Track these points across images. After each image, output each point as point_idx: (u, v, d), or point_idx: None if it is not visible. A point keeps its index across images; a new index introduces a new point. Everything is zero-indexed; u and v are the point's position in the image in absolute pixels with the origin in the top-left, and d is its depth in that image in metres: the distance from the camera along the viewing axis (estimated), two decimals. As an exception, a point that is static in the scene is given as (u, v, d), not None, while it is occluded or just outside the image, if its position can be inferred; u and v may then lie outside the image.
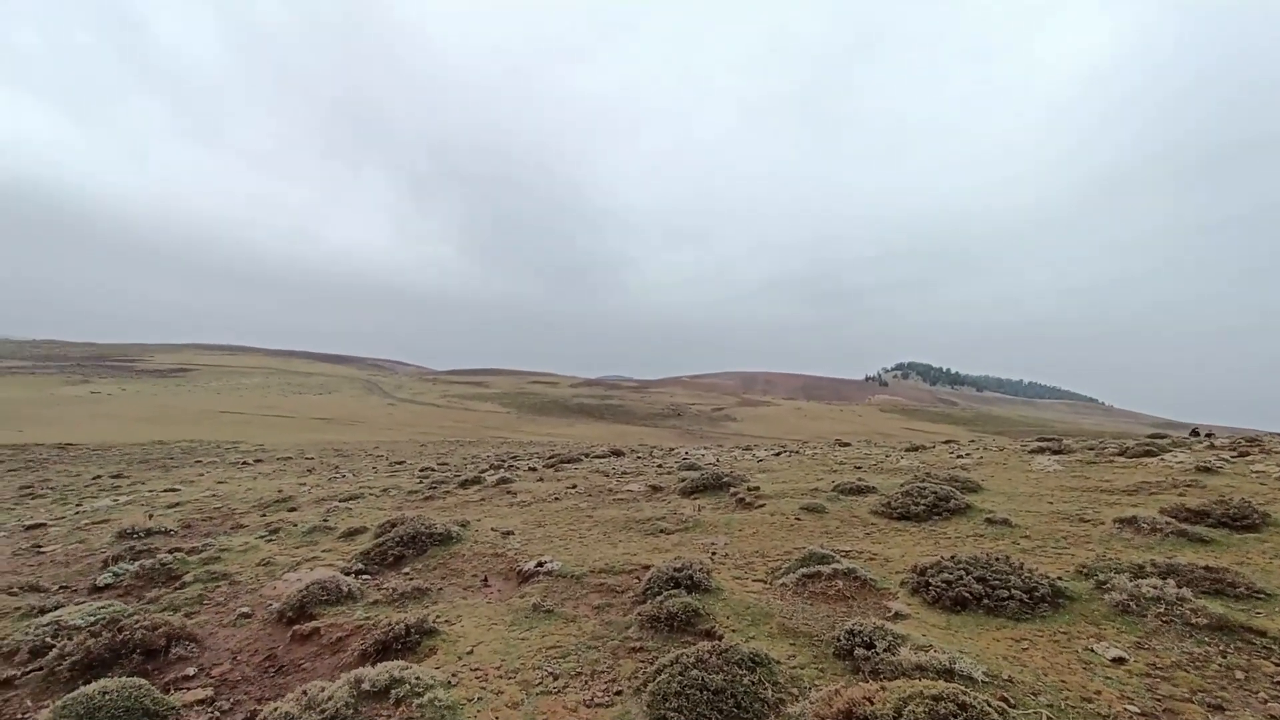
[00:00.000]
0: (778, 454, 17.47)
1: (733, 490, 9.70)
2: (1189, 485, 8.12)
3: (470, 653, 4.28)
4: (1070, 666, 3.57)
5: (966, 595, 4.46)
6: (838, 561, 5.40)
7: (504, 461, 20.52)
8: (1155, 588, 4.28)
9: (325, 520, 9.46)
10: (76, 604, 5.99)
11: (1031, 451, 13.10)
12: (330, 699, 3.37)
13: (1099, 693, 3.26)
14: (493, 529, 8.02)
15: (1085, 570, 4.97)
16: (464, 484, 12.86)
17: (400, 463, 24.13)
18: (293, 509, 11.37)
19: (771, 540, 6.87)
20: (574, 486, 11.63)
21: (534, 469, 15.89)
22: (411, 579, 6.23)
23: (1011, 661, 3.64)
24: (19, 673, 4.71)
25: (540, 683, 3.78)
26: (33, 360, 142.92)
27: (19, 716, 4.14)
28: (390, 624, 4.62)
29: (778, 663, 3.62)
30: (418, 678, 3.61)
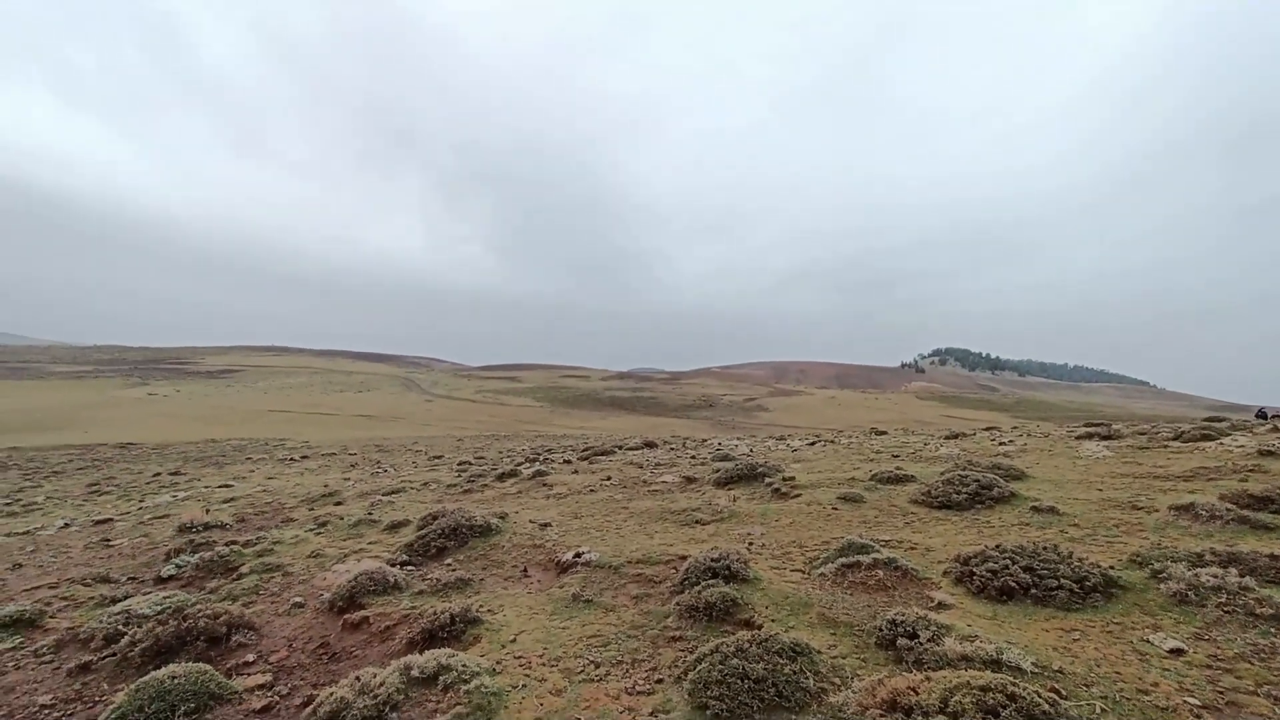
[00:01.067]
0: (812, 444, 17.28)
1: (768, 480, 9.64)
2: (1251, 470, 7.73)
3: (513, 641, 4.39)
4: (1125, 658, 3.46)
5: (1013, 585, 4.36)
6: (877, 551, 5.34)
7: (539, 455, 20.81)
8: (1215, 577, 4.10)
9: (370, 513, 9.77)
10: (144, 594, 6.34)
11: (1079, 437, 12.65)
12: (382, 684, 3.50)
13: (1156, 685, 3.15)
14: (530, 521, 8.16)
15: (1139, 559, 4.79)
16: (501, 477, 13.10)
17: (439, 457, 24.70)
18: (339, 503, 11.78)
19: (808, 530, 6.82)
20: (608, 478, 11.74)
21: (568, 462, 16.08)
22: (454, 570, 6.39)
23: (1062, 653, 3.55)
24: (95, 657, 5.03)
25: (582, 670, 3.85)
26: (94, 364, 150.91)
27: (97, 698, 4.42)
28: (435, 613, 4.77)
29: (819, 652, 3.61)
30: (464, 665, 3.72)
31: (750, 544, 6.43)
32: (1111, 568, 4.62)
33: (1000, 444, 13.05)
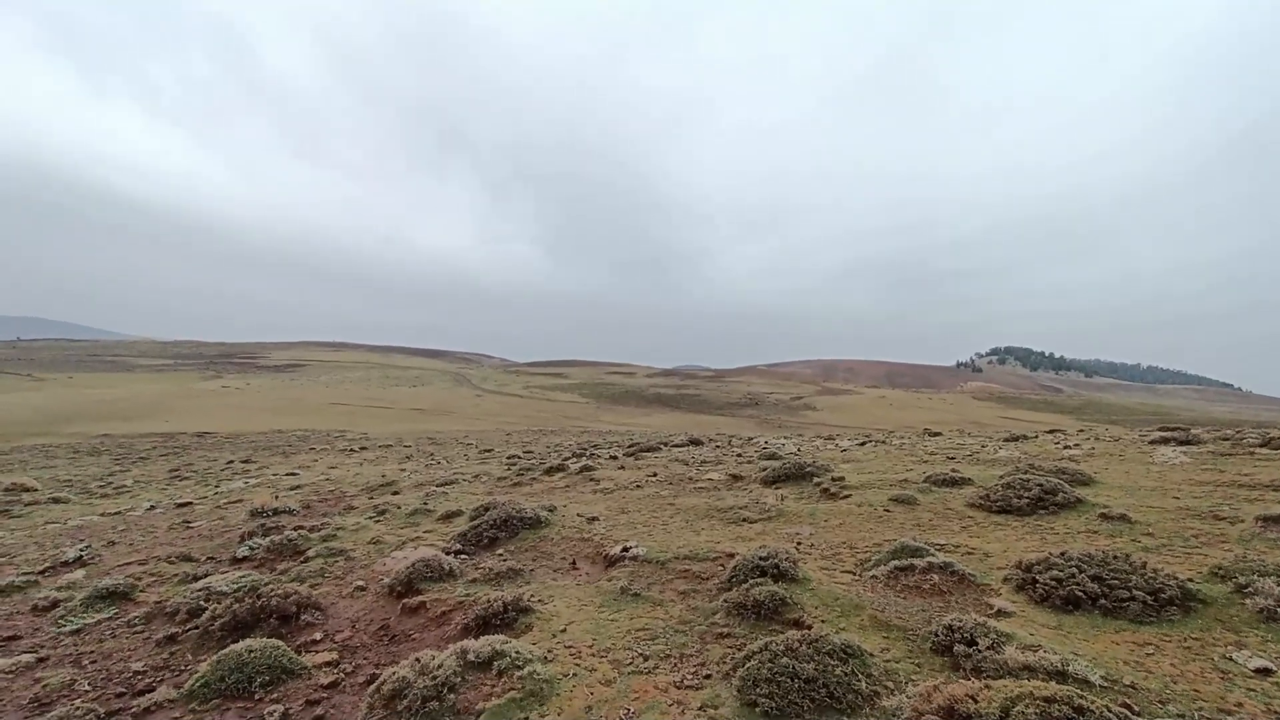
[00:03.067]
0: (862, 444, 16.87)
1: (816, 480, 9.49)
2: (1354, 481, 7.11)
3: (563, 631, 4.49)
4: (1205, 675, 3.26)
5: (1080, 594, 4.16)
6: (932, 555, 5.19)
7: (585, 450, 21.08)
8: (1310, 594, 3.82)
9: (425, 503, 10.14)
10: (222, 573, 6.79)
11: (1153, 442, 11.90)
12: (440, 667, 3.65)
13: (1240, 705, 2.96)
14: (578, 514, 8.30)
15: (1221, 572, 4.49)
16: (549, 471, 13.35)
17: (489, 450, 25.34)
18: (396, 493, 12.26)
19: (859, 531, 6.69)
20: (654, 474, 11.79)
21: (614, 457, 16.23)
22: (505, 560, 6.58)
23: (1134, 667, 3.37)
24: (180, 630, 5.43)
25: (631, 663, 3.91)
26: (175, 359, 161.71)
27: (183, 667, 4.77)
28: (489, 601, 4.93)
29: (871, 655, 3.55)
30: (517, 652, 3.84)
31: (799, 544, 6.36)
32: (1190, 580, 4.35)
33: (1065, 447, 12.42)
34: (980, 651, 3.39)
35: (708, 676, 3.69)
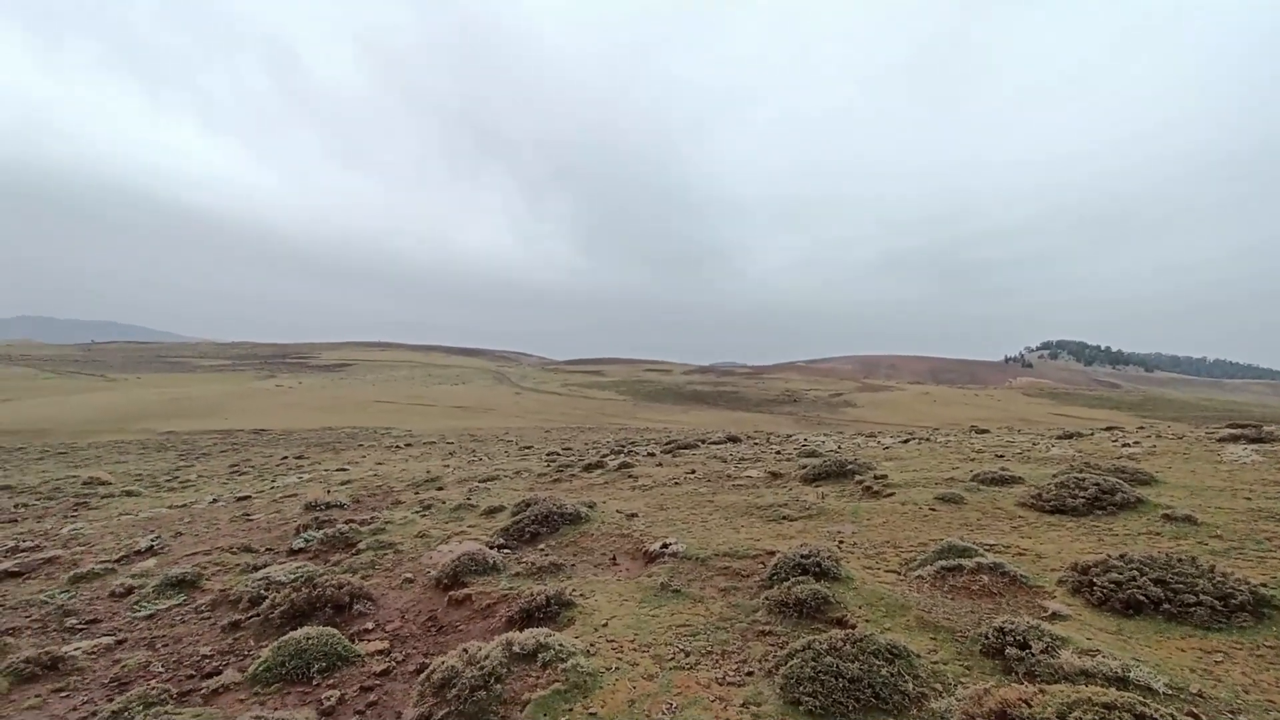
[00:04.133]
0: (905, 441, 16.46)
1: (858, 478, 9.32)
2: None
3: (605, 625, 4.55)
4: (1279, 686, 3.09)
5: (1141, 599, 3.99)
6: (981, 555, 5.05)
7: (623, 447, 21.19)
8: (1401, 603, 3.56)
9: (468, 499, 10.39)
10: (279, 564, 7.11)
11: (1221, 439, 11.24)
12: (487, 657, 3.76)
13: (1320, 718, 2.80)
14: (618, 511, 8.37)
15: (1300, 578, 4.23)
16: (588, 468, 13.49)
17: (528, 447, 25.75)
18: (440, 488, 12.60)
19: (903, 530, 6.55)
20: (693, 472, 11.78)
21: (652, 454, 16.28)
22: (547, 555, 6.69)
23: (1201, 675, 3.22)
24: (243, 617, 5.73)
25: (673, 658, 3.94)
26: (232, 359, 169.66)
27: (246, 652, 5.03)
28: (532, 594, 5.03)
29: (918, 656, 3.49)
30: (561, 645, 3.91)
31: (840, 542, 6.26)
32: (1263, 585, 4.11)
33: (1124, 445, 11.85)
34: (1034, 655, 3.29)
35: (750, 674, 3.69)
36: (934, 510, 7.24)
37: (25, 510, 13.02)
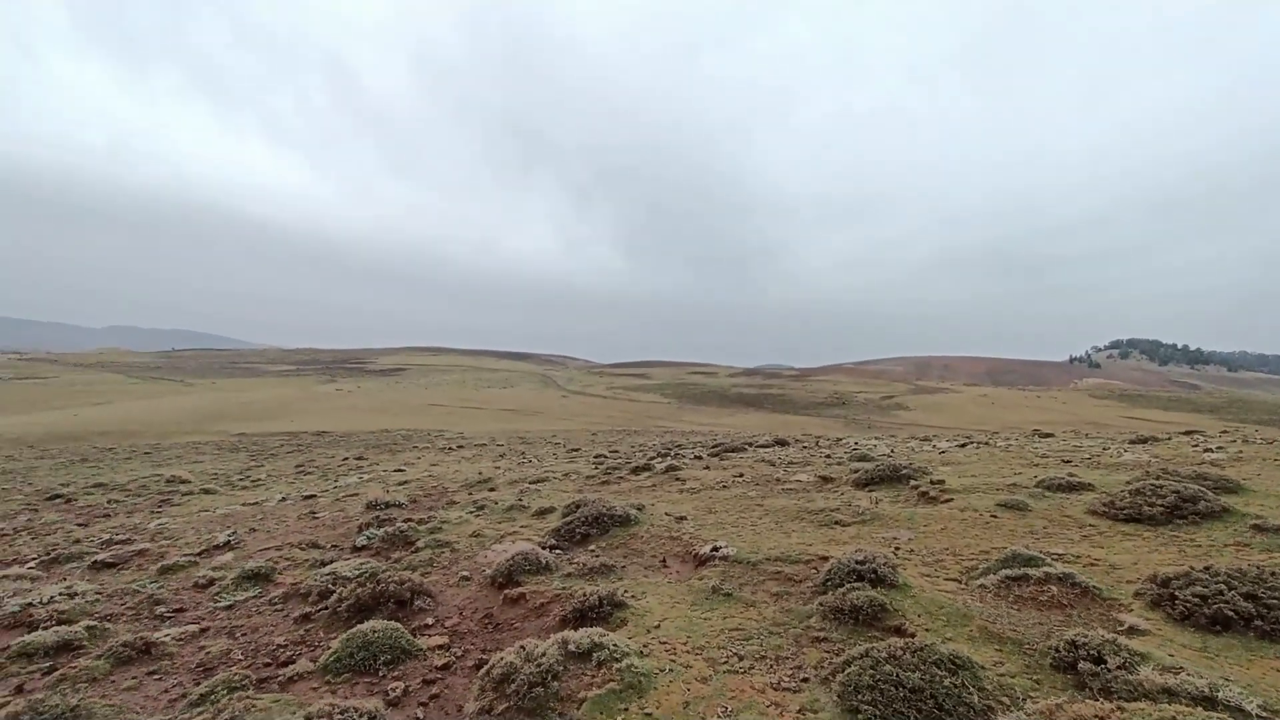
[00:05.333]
0: (963, 445, 15.85)
1: (913, 483, 9.05)
2: None
3: (657, 627, 4.58)
4: (1393, 713, 2.84)
5: (1230, 614, 3.73)
6: (1049, 565, 4.83)
7: (670, 450, 21.20)
8: None
9: (520, 499, 10.62)
10: (344, 560, 7.46)
11: (1322, 445, 10.37)
12: (544, 655, 3.85)
13: None
14: (666, 513, 8.39)
15: None
16: (635, 470, 13.56)
17: (575, 450, 26.08)
18: (492, 489, 12.92)
19: (963, 538, 6.33)
20: (741, 475, 11.69)
21: (699, 457, 16.22)
22: (597, 556, 6.78)
23: (1300, 698, 2.99)
24: (313, 609, 6.03)
25: (726, 662, 3.93)
26: (296, 364, 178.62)
27: (317, 643, 5.30)
28: (585, 594, 5.11)
29: (982, 668, 3.37)
30: (615, 645, 3.97)
31: (897, 549, 6.10)
32: (1373, 604, 3.79)
33: (1205, 450, 11.08)
34: (1110, 671, 3.13)
35: (805, 680, 3.65)
36: (996, 517, 6.96)
37: (117, 506, 14.07)
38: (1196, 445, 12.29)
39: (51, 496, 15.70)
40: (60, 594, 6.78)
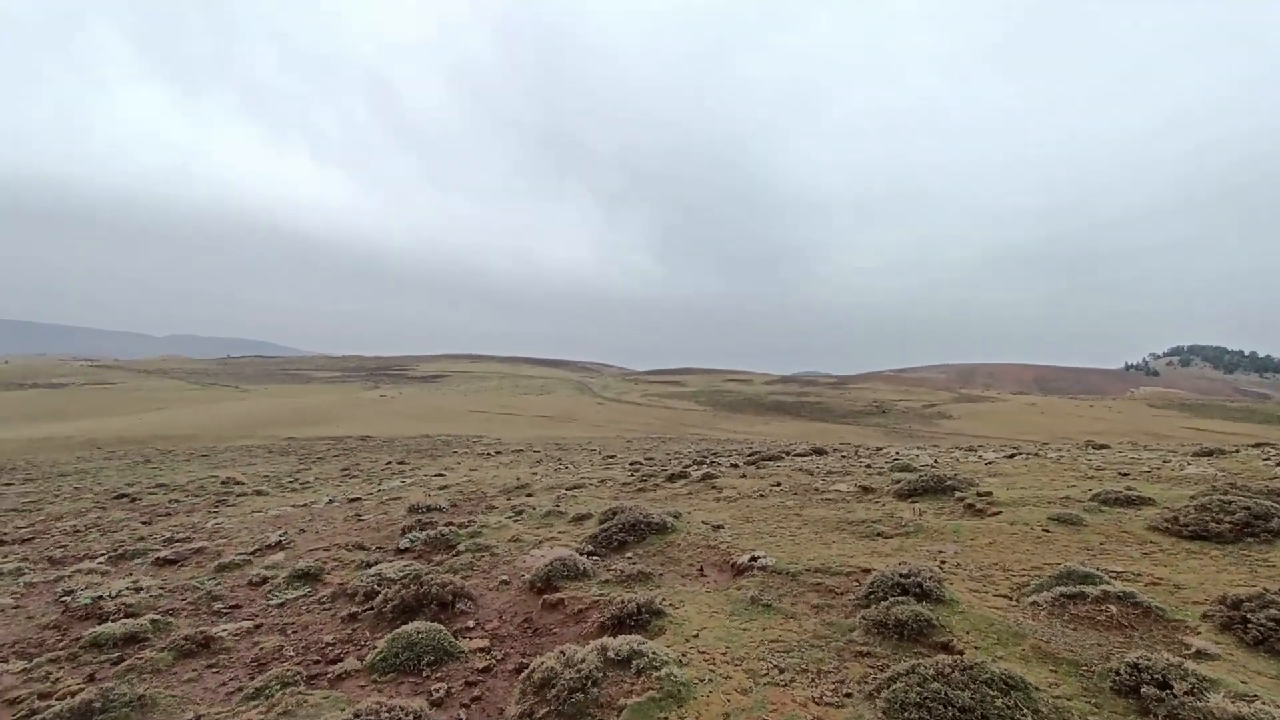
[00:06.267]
0: (1010, 456, 15.28)
1: (958, 495, 8.77)
2: None
3: (696, 636, 4.56)
4: None
5: (1309, 641, 3.50)
6: (1107, 583, 4.62)
7: (705, 458, 21.07)
8: None
9: (557, 505, 10.72)
10: (389, 561, 7.66)
11: None
12: (584, 661, 3.88)
13: None
14: (703, 522, 8.35)
15: None
16: (671, 478, 13.53)
17: (611, 457, 26.17)
18: (529, 495, 13.08)
19: (1013, 553, 6.10)
20: (778, 484, 11.53)
21: (735, 465, 16.07)
22: (634, 563, 6.79)
23: (1392, 733, 2.78)
24: (360, 609, 6.21)
25: (766, 674, 3.89)
26: (343, 371, 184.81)
27: (363, 642, 5.46)
28: (623, 601, 5.13)
29: (1037, 689, 3.24)
30: (654, 652, 3.97)
31: (942, 562, 5.92)
32: None
33: (1278, 465, 10.41)
34: (1176, 697, 2.98)
35: (848, 695, 3.58)
36: (1048, 532, 6.69)
37: (177, 505, 14.79)
38: (1268, 459, 11.55)
39: (118, 495, 16.62)
40: (127, 588, 7.16)
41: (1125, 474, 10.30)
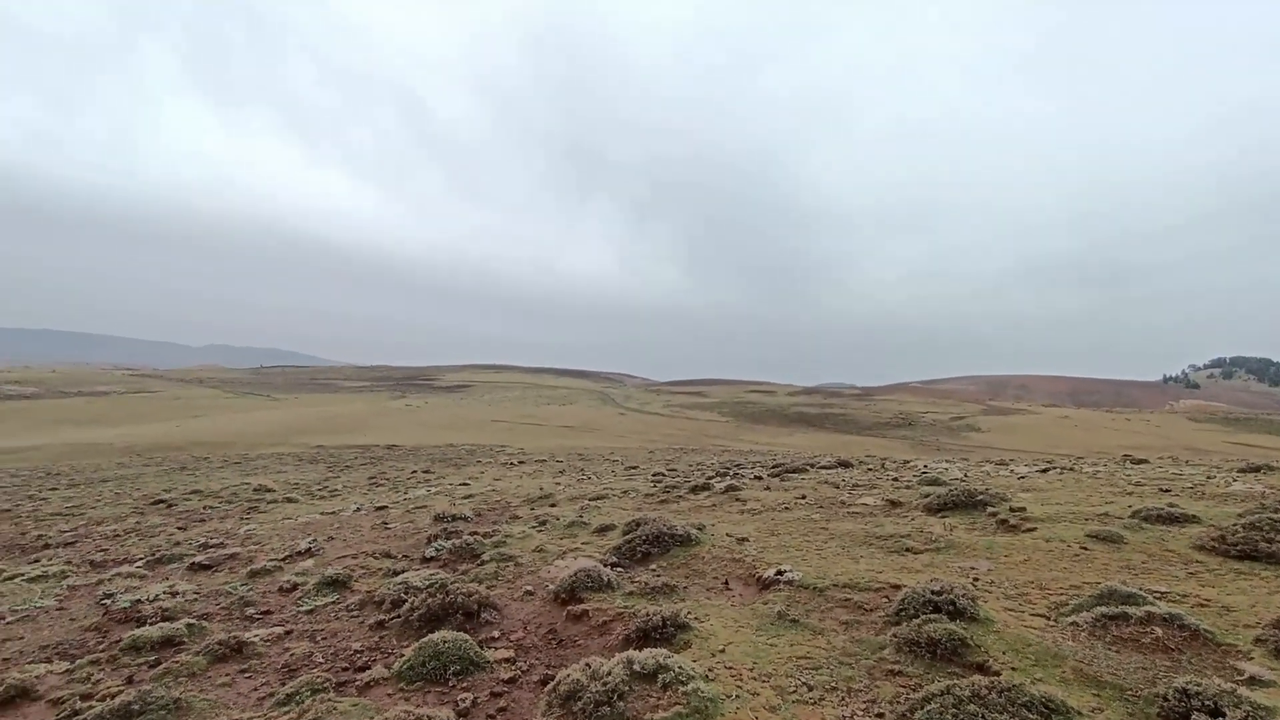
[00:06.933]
0: (1044, 470, 14.84)
1: (990, 510, 8.55)
2: None
3: (722, 651, 4.51)
4: None
5: (1373, 669, 3.32)
6: (1151, 604, 4.44)
7: (729, 469, 20.90)
8: None
9: (580, 516, 10.72)
10: (415, 570, 7.73)
11: None
12: (610, 674, 3.86)
13: None
14: (727, 534, 8.27)
15: None
16: (694, 490, 13.45)
17: (634, 467, 26.12)
18: (553, 505, 13.12)
19: (1049, 571, 5.91)
20: (803, 497, 11.38)
21: (759, 478, 15.90)
22: (659, 575, 6.74)
23: None
24: (387, 617, 6.27)
25: (795, 691, 3.82)
26: (370, 381, 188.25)
27: (390, 650, 5.50)
28: (648, 614, 5.09)
29: (1079, 713, 3.13)
30: (680, 667, 3.93)
31: (975, 579, 5.77)
32: None
33: (1336, 482, 9.93)
34: (1228, 725, 2.85)
35: (880, 715, 3.50)
36: (1086, 549, 6.47)
37: (211, 511, 15.17)
38: (1322, 475, 11.03)
39: (155, 501, 17.11)
40: (164, 592, 7.36)
41: (1167, 490, 9.93)
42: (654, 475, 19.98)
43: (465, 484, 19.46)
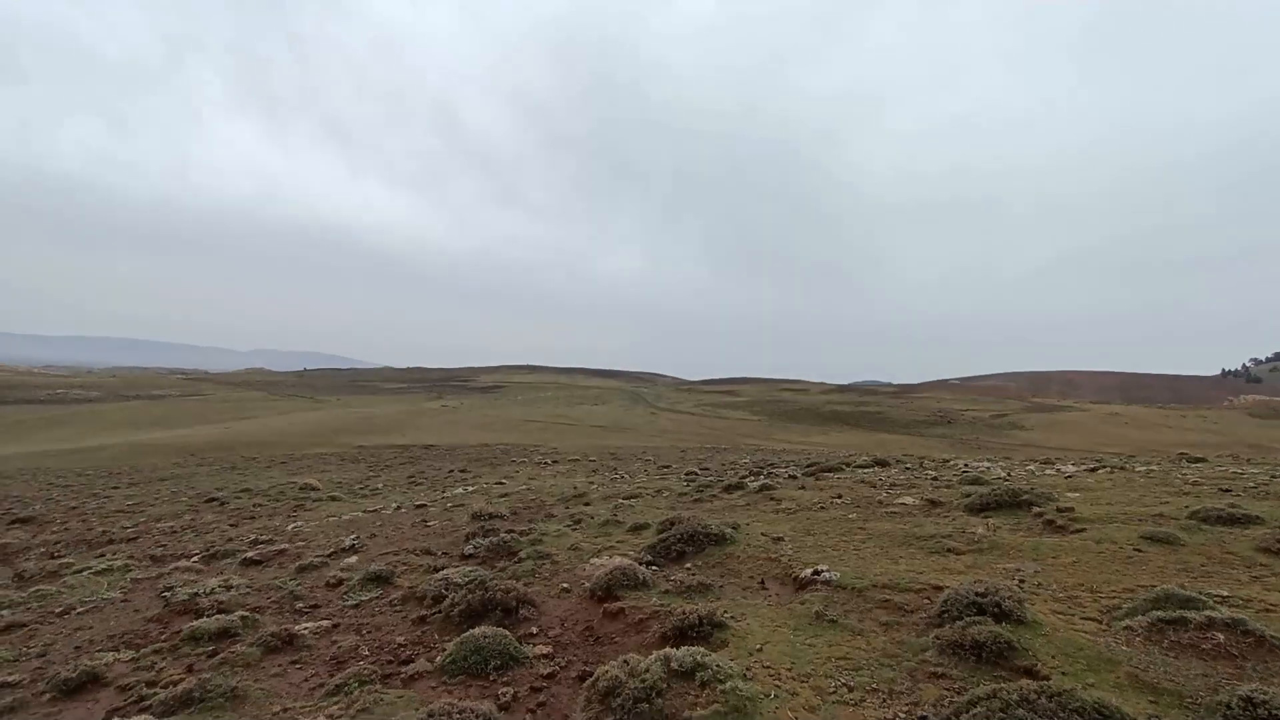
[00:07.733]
0: (1093, 469, 14.28)
1: (1036, 510, 8.28)
2: None
3: (759, 650, 4.49)
4: None
5: None
6: (1212, 608, 4.25)
7: (762, 468, 20.72)
8: None
9: (614, 515, 10.79)
10: (454, 567, 7.90)
11: None
12: (647, 671, 3.89)
13: None
14: (762, 534, 8.21)
15: None
16: (728, 489, 13.38)
17: (666, 467, 26.13)
18: (587, 504, 13.23)
19: (1101, 573, 5.70)
20: (839, 496, 11.21)
21: (794, 477, 15.72)
22: (694, 574, 6.75)
23: None
24: (428, 612, 6.44)
25: (835, 692, 3.79)
26: (408, 382, 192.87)
27: (432, 644, 5.65)
28: (684, 612, 5.11)
29: (1133, 720, 3.03)
30: (718, 665, 3.94)
31: (1021, 581, 5.60)
32: None
33: None
34: (1298, 736, 2.71)
35: (923, 718, 3.44)
36: (1140, 551, 6.22)
37: (260, 509, 15.79)
38: (1402, 475, 10.35)
39: (209, 499, 17.90)
40: (219, 586, 7.70)
41: (1227, 490, 9.46)
42: (687, 474, 19.95)
43: (501, 483, 19.78)
